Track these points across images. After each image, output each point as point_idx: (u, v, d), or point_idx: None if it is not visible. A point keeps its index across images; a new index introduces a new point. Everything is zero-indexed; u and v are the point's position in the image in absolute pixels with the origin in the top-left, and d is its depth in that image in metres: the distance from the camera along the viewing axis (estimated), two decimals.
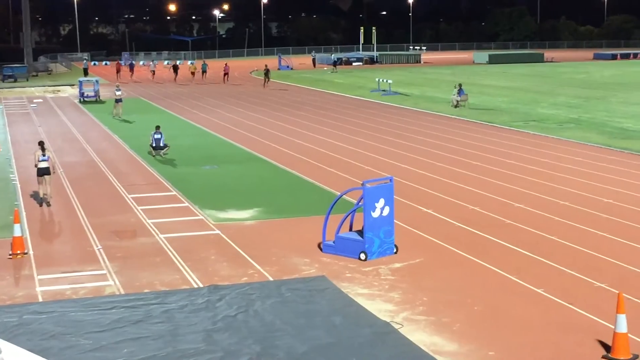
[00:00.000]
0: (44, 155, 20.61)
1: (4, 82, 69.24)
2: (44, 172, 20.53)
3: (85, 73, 72.65)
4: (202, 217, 19.43)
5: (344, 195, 18.03)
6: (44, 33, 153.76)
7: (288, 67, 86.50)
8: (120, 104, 41.52)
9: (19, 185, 23.52)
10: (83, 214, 19.86)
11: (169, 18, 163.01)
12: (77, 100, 50.99)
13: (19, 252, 16.23)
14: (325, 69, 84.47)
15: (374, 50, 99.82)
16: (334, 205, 16.49)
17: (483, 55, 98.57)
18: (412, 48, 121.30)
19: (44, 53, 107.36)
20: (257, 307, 12.86)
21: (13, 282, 14.75)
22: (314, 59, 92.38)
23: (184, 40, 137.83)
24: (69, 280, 14.58)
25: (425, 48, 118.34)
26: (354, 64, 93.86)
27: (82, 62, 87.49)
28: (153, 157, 28.36)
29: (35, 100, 52.50)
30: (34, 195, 21.54)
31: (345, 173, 24.72)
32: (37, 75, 78.40)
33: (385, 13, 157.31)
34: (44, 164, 20.50)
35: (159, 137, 28.83)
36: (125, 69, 74.64)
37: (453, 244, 16.67)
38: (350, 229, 16.43)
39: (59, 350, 11.19)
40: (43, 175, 20.56)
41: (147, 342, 11.49)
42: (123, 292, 13.94)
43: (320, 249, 16.29)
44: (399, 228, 17.27)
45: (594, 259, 15.52)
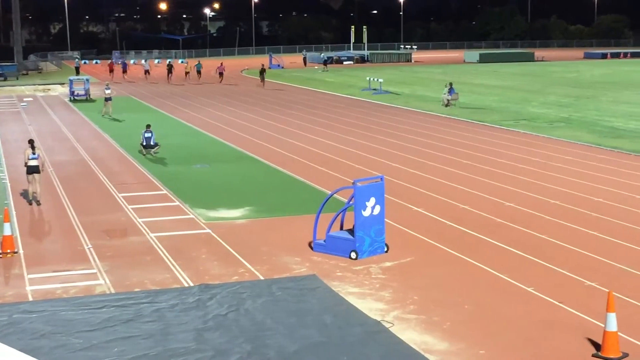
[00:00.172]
0: (34, 154, 20.58)
1: None
2: (34, 170, 20.49)
3: (77, 72, 72.44)
4: (192, 216, 19.40)
5: (335, 194, 18.05)
6: (34, 31, 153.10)
7: (279, 65, 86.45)
8: (110, 103, 41.44)
9: (9, 184, 23.43)
10: (73, 213, 19.81)
11: (160, 17, 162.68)
12: (67, 99, 50.81)
13: (9, 251, 16.17)
14: (316, 68, 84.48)
15: (365, 49, 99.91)
16: (325, 204, 16.49)
17: (474, 54, 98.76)
18: (402, 47, 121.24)
19: (34, 51, 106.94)
20: (247, 306, 12.85)
21: (3, 281, 14.70)
22: (305, 58, 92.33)
23: (175, 39, 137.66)
24: (60, 280, 14.54)
25: (416, 47, 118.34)
26: (345, 63, 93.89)
27: (73, 60, 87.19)
28: (144, 155, 28.29)
29: (26, 99, 52.29)
30: (24, 194, 21.47)
31: (336, 172, 24.72)
32: (27, 74, 78.08)
33: (376, 12, 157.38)
34: (34, 162, 20.46)
35: (150, 135, 28.76)
36: (118, 68, 74.13)
37: (444, 243, 16.70)
38: (341, 228, 16.43)
39: (50, 350, 11.17)
40: (33, 174, 20.52)
41: (137, 341, 11.47)
42: (113, 291, 13.91)
43: (311, 248, 16.29)
44: (390, 227, 17.29)
45: (585, 258, 15.57)
